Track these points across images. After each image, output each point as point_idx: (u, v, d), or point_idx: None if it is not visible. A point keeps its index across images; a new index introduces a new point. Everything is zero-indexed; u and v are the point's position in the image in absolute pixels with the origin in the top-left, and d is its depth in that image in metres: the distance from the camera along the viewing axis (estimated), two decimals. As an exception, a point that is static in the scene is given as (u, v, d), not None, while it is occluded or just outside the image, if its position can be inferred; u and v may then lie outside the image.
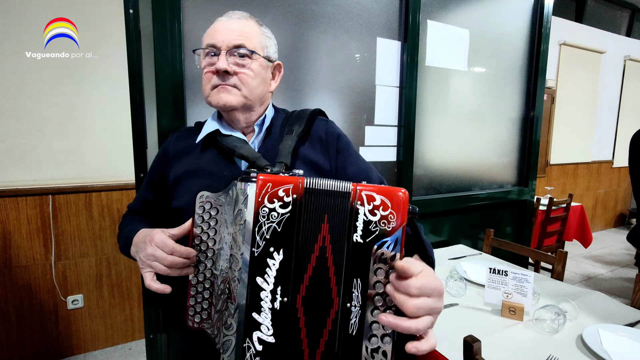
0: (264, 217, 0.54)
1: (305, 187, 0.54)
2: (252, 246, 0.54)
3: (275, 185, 0.54)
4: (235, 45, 0.75)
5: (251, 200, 0.54)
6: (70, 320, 2.11)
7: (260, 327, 0.54)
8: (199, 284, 0.65)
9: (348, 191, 0.54)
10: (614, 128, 5.25)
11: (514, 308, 1.10)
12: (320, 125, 0.86)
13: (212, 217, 0.64)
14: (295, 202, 0.54)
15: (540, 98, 2.09)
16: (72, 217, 2.06)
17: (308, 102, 1.45)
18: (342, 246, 0.54)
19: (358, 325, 0.53)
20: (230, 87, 0.76)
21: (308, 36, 1.42)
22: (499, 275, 1.14)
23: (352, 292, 0.53)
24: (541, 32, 2.03)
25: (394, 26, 1.59)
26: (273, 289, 0.54)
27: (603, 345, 0.94)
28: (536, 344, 0.97)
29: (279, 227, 0.54)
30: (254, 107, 0.81)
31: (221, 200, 0.63)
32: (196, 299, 0.65)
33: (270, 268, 0.54)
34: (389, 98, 1.62)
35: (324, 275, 0.54)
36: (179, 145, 0.85)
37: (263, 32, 0.81)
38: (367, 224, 0.53)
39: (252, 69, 0.77)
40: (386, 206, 0.52)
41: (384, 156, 1.64)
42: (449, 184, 1.88)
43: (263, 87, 0.81)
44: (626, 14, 5.52)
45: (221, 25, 0.76)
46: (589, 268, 3.78)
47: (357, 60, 1.52)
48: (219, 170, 0.79)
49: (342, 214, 0.54)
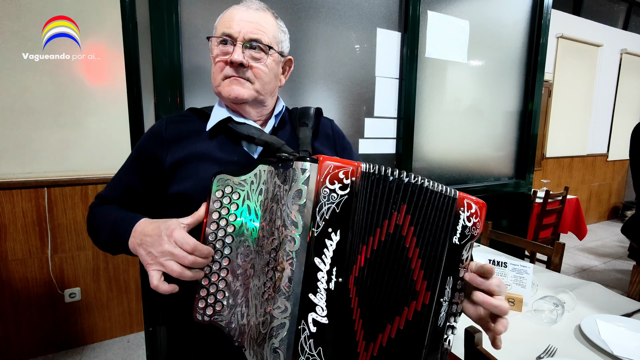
0: (325, 198, 0.53)
1: (364, 172, 0.55)
2: (312, 226, 0.53)
3: (337, 167, 0.54)
4: (253, 38, 0.73)
5: (312, 180, 0.53)
6: (67, 314, 2.10)
7: (316, 307, 0.53)
8: (213, 273, 0.61)
9: (454, 196, 0.59)
10: (609, 121, 5.28)
11: (513, 299, 1.11)
12: (327, 123, 0.92)
13: (232, 202, 0.62)
14: (353, 185, 0.55)
15: (539, 91, 2.09)
16: (68, 210, 2.04)
17: (307, 94, 1.43)
18: (436, 244, 0.58)
19: (445, 318, 0.60)
20: (243, 80, 0.74)
21: (307, 27, 1.40)
22: (498, 267, 1.15)
23: (445, 288, 0.59)
24: (541, 24, 2.03)
25: (394, 17, 1.57)
26: (329, 269, 0.54)
27: (601, 335, 0.95)
28: (535, 334, 0.98)
29: (338, 208, 0.54)
30: (265, 102, 0.80)
31: (244, 185, 0.62)
32: (208, 291, 0.61)
33: (328, 249, 0.54)
34: (388, 90, 1.60)
35: (397, 263, 0.57)
36: (177, 129, 0.78)
37: (279, 26, 0.79)
38: (464, 229, 0.60)
39: (266, 64, 0.75)
40: (477, 215, 0.60)
41: (383, 148, 1.63)
42: (448, 176, 1.88)
43: (275, 82, 0.80)
44: (623, 7, 5.52)
45: (238, 15, 0.73)
46: (582, 260, 3.83)
47: (357, 52, 1.51)
48: (227, 155, 0.75)
49: (442, 215, 0.58)
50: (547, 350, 0.90)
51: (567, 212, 3.14)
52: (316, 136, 0.85)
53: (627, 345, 0.91)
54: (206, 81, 1.18)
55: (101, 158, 2.07)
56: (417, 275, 0.57)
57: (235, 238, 0.62)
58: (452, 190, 0.59)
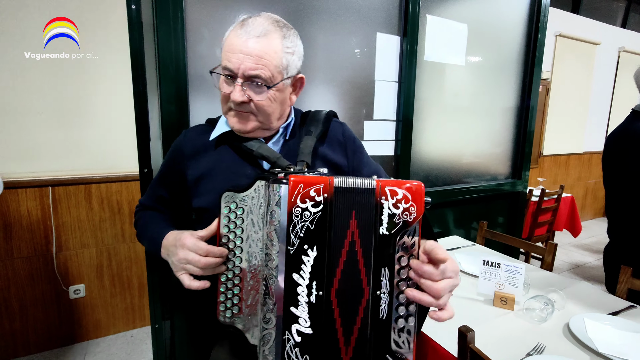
0: (297, 217, 0.57)
1: (335, 186, 0.58)
2: (287, 244, 0.58)
3: (307, 185, 0.57)
4: (252, 75, 0.70)
5: (284, 200, 0.58)
6: (72, 310, 2.15)
7: (298, 319, 0.59)
8: (229, 280, 0.67)
9: (372, 187, 0.58)
10: (606, 119, 5.32)
11: (506, 298, 1.16)
12: (337, 127, 0.90)
13: (238, 217, 0.67)
14: (327, 201, 0.58)
15: (536, 89, 2.12)
16: (72, 209, 2.07)
17: (309, 98, 1.46)
18: (369, 239, 0.59)
19: (387, 310, 0.60)
20: (246, 114, 0.76)
21: (309, 32, 1.42)
22: (492, 267, 1.20)
23: (381, 280, 0.59)
24: (538, 23, 2.05)
25: (394, 21, 1.60)
26: (309, 283, 0.58)
27: (588, 333, 1.00)
28: (525, 332, 1.03)
29: (312, 225, 0.58)
30: (273, 127, 0.81)
31: (246, 200, 0.66)
32: (226, 295, 0.67)
33: (305, 264, 0.58)
34: (387, 93, 1.64)
35: (354, 268, 0.59)
36: (194, 143, 0.83)
37: (285, 49, 0.73)
38: (391, 217, 0.58)
39: (269, 96, 0.74)
40: (407, 199, 0.58)
41: (382, 150, 1.67)
42: (445, 176, 1.92)
43: (282, 107, 0.79)
44: (622, 5, 5.53)
45: (238, 45, 0.70)
46: (577, 256, 3.90)
47: (357, 56, 1.54)
48: (240, 169, 0.79)
49: (368, 209, 0.58)
50: (536, 347, 0.95)
51: (562, 210, 3.20)
52: (325, 142, 0.86)
53: (612, 342, 0.96)
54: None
55: (105, 157, 2.10)
56: (363, 274, 0.59)
57: (243, 249, 0.67)
58: (369, 181, 0.58)
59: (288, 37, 0.75)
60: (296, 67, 0.78)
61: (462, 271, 1.41)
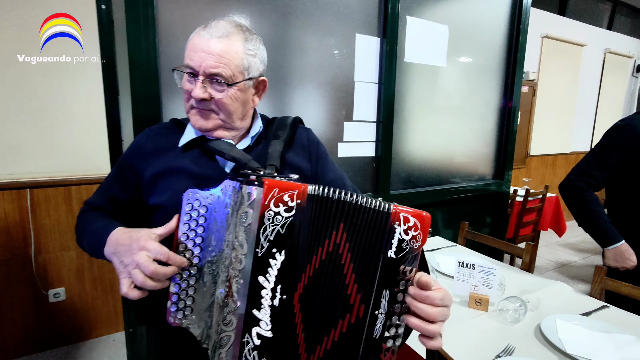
0: (269, 220, 0.58)
1: (310, 194, 0.58)
2: (256, 247, 0.58)
3: (282, 190, 0.58)
4: (213, 73, 0.72)
5: (257, 203, 0.58)
6: (52, 314, 2.11)
7: (260, 322, 0.58)
8: (184, 280, 0.66)
9: (388, 211, 0.60)
10: (592, 120, 5.39)
11: (480, 299, 1.16)
12: (303, 133, 0.92)
13: (200, 215, 0.65)
14: (299, 207, 0.58)
15: (518, 91, 2.14)
16: (51, 211, 2.04)
17: (286, 100, 1.46)
18: (370, 259, 0.60)
19: (381, 330, 0.61)
20: (207, 112, 0.76)
21: (286, 33, 1.42)
22: (466, 268, 1.20)
23: (381, 301, 0.60)
24: (520, 24, 2.07)
25: (373, 22, 1.60)
26: (274, 287, 0.58)
27: (559, 333, 1.00)
28: (497, 333, 1.04)
29: (283, 229, 0.58)
30: (235, 127, 0.81)
31: (211, 199, 0.65)
32: (179, 296, 0.65)
33: (272, 268, 0.58)
34: (367, 94, 1.64)
35: (334, 280, 0.59)
36: (157, 142, 0.82)
37: (247, 51, 0.76)
38: (400, 242, 0.60)
39: (230, 95, 0.75)
40: (417, 227, 0.61)
41: (362, 151, 1.67)
42: (427, 177, 1.93)
43: (243, 108, 0.80)
44: (608, 7, 5.61)
45: (200, 45, 0.72)
46: (563, 255, 3.94)
47: (335, 57, 1.53)
48: (202, 169, 0.79)
49: (377, 230, 0.60)
50: (505, 349, 0.95)
51: (547, 210, 3.23)
52: (291, 147, 0.87)
53: (581, 343, 0.97)
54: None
55: (84, 159, 2.07)
56: (351, 290, 0.60)
57: (203, 249, 0.66)
58: (386, 205, 0.60)
59: (250, 41, 0.77)
60: (258, 70, 0.80)
61: (439, 272, 1.41)
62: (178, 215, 0.65)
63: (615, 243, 1.39)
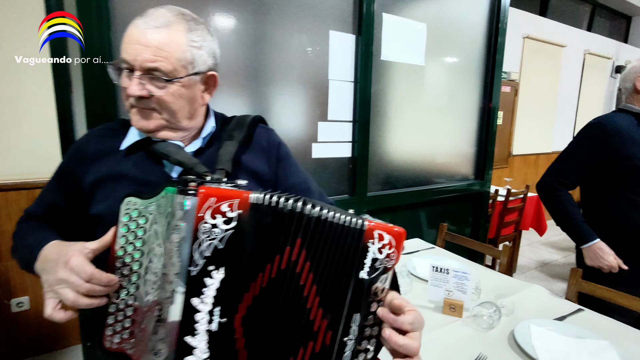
0: (205, 234, 0.51)
1: (253, 203, 0.52)
2: (190, 265, 0.51)
3: (220, 199, 0.51)
4: (150, 68, 0.65)
5: (191, 215, 0.51)
6: (15, 324, 2.00)
7: (194, 351, 0.51)
8: (122, 300, 0.59)
9: (362, 228, 0.53)
10: (573, 120, 5.48)
11: (454, 305, 1.13)
12: (262, 133, 0.85)
13: (139, 227, 0.59)
14: (241, 218, 0.52)
15: (497, 91, 2.13)
16: (13, 216, 1.93)
17: (257, 98, 1.40)
18: (339, 281, 0.54)
19: (350, 357, 0.55)
20: (148, 111, 0.69)
21: (257, 29, 1.36)
22: (441, 273, 1.16)
23: (351, 326, 0.54)
24: (498, 24, 2.05)
25: (348, 19, 1.55)
26: (211, 309, 0.52)
27: (532, 340, 0.97)
28: (471, 340, 1.00)
29: (221, 243, 0.51)
30: (182, 127, 0.74)
31: (151, 209, 0.58)
32: (116, 317, 0.59)
33: (209, 287, 0.52)
34: (343, 93, 1.59)
35: (289, 301, 0.53)
36: (99, 145, 0.74)
37: (190, 42, 0.68)
38: (374, 262, 0.54)
39: (172, 92, 0.68)
40: (391, 245, 0.54)
41: (338, 152, 1.62)
42: (406, 178, 1.89)
43: (191, 106, 0.73)
44: (587, 9, 5.71)
45: (136, 36, 0.64)
46: (545, 254, 3.98)
47: (309, 54, 1.48)
48: (145, 175, 0.72)
49: (347, 248, 0.53)
50: (478, 358, 0.91)
51: (528, 209, 3.24)
52: (247, 149, 0.81)
53: (554, 349, 0.94)
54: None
55: (48, 160, 1.96)
56: (314, 315, 0.53)
57: (143, 264, 0.59)
58: (359, 221, 0.54)
59: (194, 31, 0.69)
60: (206, 64, 0.72)
61: (415, 276, 1.37)
62: (115, 227, 0.59)
63: (589, 242, 1.39)
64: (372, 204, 1.72)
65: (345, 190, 1.65)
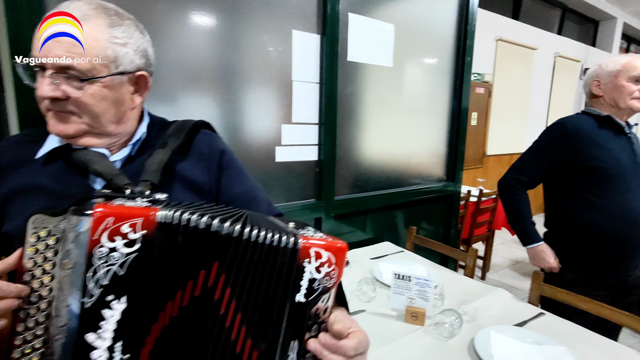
0: (101, 259, 0.45)
1: (160, 222, 0.46)
2: (83, 296, 0.45)
3: (119, 219, 0.45)
4: (63, 65, 0.58)
5: (84, 238, 0.45)
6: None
7: None
8: (28, 330, 0.52)
9: (296, 247, 0.49)
10: (544, 120, 5.64)
11: (416, 313, 1.10)
12: (204, 139, 0.78)
13: (49, 248, 0.52)
14: (146, 240, 0.46)
15: (467, 93, 2.13)
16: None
17: (216, 101, 1.33)
18: (271, 307, 0.49)
19: None
20: (64, 114, 0.62)
21: (215, 27, 1.29)
22: (403, 280, 1.13)
23: (288, 355, 0.50)
24: (467, 26, 2.06)
25: (312, 19, 1.51)
26: (111, 345, 0.46)
27: (492, 348, 0.95)
28: (432, 350, 0.98)
29: (122, 269, 0.46)
30: (108, 133, 0.67)
31: (63, 227, 0.52)
32: (25, 345, 0.52)
33: (108, 320, 0.46)
34: (308, 94, 1.54)
35: (207, 332, 0.48)
36: (15, 153, 0.67)
37: (112, 39, 0.62)
38: (311, 282, 0.50)
39: (92, 93, 0.61)
40: (330, 262, 0.51)
41: (304, 155, 1.57)
42: (375, 181, 1.87)
43: (117, 109, 0.66)
44: (558, 13, 5.89)
45: None
46: (517, 252, 4.06)
47: (271, 54, 1.43)
48: (64, 187, 0.65)
49: (279, 271, 0.49)
50: (435, 370, 0.89)
51: (500, 209, 3.29)
52: (185, 157, 0.74)
53: (512, 357, 0.92)
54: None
55: None
56: (241, 346, 0.48)
57: (53, 290, 0.53)
58: (292, 239, 0.50)
59: (118, 27, 0.63)
60: (133, 63, 0.66)
61: (380, 282, 1.34)
62: (22, 247, 0.52)
63: (533, 243, 1.42)
64: (340, 208, 1.68)
65: (311, 195, 1.61)
